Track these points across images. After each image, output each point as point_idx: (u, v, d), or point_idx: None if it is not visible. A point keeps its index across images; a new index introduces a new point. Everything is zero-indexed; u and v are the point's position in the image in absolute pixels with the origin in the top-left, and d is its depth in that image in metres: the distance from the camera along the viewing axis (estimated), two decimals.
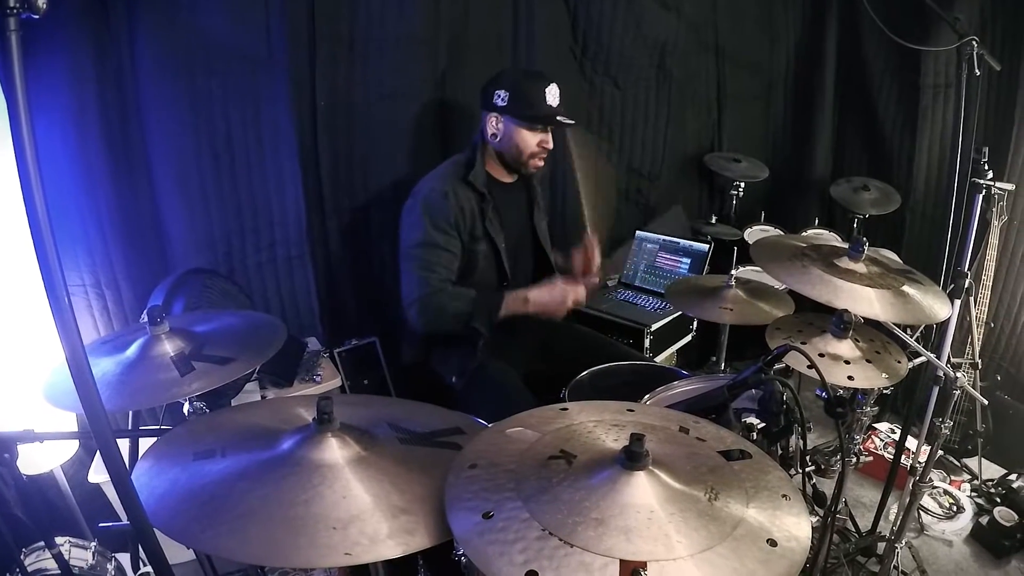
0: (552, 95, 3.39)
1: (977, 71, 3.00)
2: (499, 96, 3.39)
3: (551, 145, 3.49)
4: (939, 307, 2.57)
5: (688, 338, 4.83)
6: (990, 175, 3.33)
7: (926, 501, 4.23)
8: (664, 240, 4.96)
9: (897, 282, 2.57)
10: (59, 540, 2.69)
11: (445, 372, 3.55)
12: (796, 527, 1.56)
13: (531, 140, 3.43)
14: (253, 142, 3.70)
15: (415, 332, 3.51)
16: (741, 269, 4.65)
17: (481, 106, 3.49)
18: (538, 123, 3.41)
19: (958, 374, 2.99)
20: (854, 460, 3.03)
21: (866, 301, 2.44)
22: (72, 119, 3.21)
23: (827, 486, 2.69)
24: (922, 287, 2.64)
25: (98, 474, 3.29)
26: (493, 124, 3.45)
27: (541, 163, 3.53)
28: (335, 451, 1.72)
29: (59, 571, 2.46)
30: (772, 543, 1.49)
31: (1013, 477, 4.20)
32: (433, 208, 3.35)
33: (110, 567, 2.82)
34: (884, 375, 2.53)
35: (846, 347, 2.58)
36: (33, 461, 2.97)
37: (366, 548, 1.50)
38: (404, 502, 1.63)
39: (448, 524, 1.53)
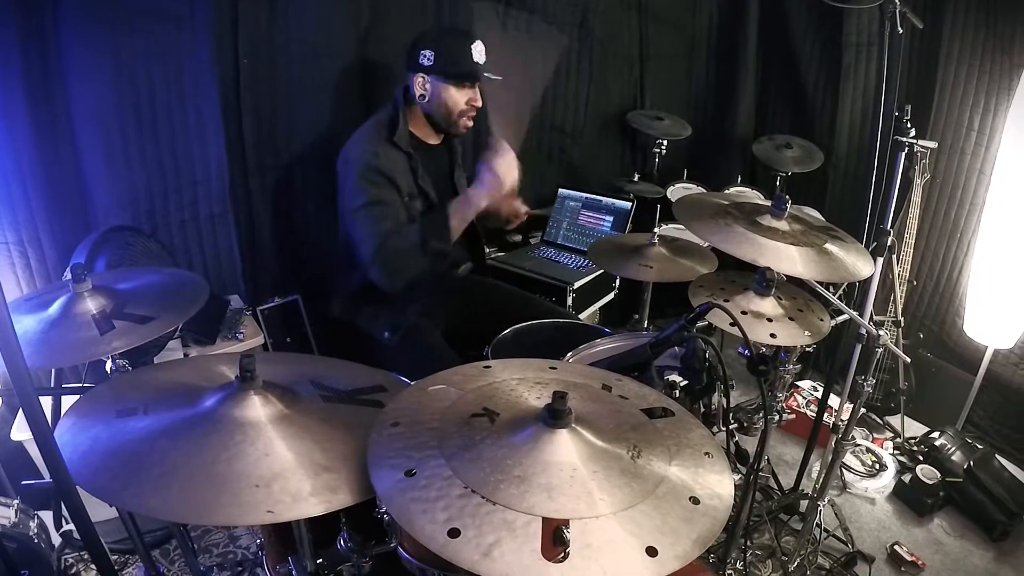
0: (478, 52, 3.33)
1: (899, 29, 3.02)
2: (424, 56, 3.34)
3: (480, 103, 3.44)
4: (862, 264, 2.59)
5: (611, 296, 4.88)
6: (912, 133, 3.35)
7: (849, 459, 4.31)
8: (587, 198, 4.98)
9: (820, 240, 2.58)
10: None
11: (375, 329, 3.49)
12: (719, 485, 1.58)
13: (459, 98, 3.37)
14: (175, 100, 3.65)
15: (335, 288, 3.46)
16: (664, 227, 4.67)
17: (407, 67, 3.43)
18: (464, 80, 3.35)
19: (881, 332, 3.02)
20: (776, 418, 3.05)
21: (789, 259, 2.44)
22: None
23: (750, 444, 2.72)
24: (844, 244, 2.65)
25: (20, 432, 3.26)
26: (420, 85, 3.39)
27: (470, 123, 3.48)
28: (258, 409, 1.71)
29: None
30: (695, 501, 1.50)
31: (935, 435, 4.27)
32: (369, 169, 3.27)
33: (33, 525, 2.80)
34: (807, 333, 2.56)
35: (769, 305, 2.61)
36: None
37: (288, 506, 1.50)
38: (327, 460, 1.63)
39: (371, 482, 1.52)
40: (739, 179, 5.47)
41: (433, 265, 3.29)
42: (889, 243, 3.43)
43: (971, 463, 4.00)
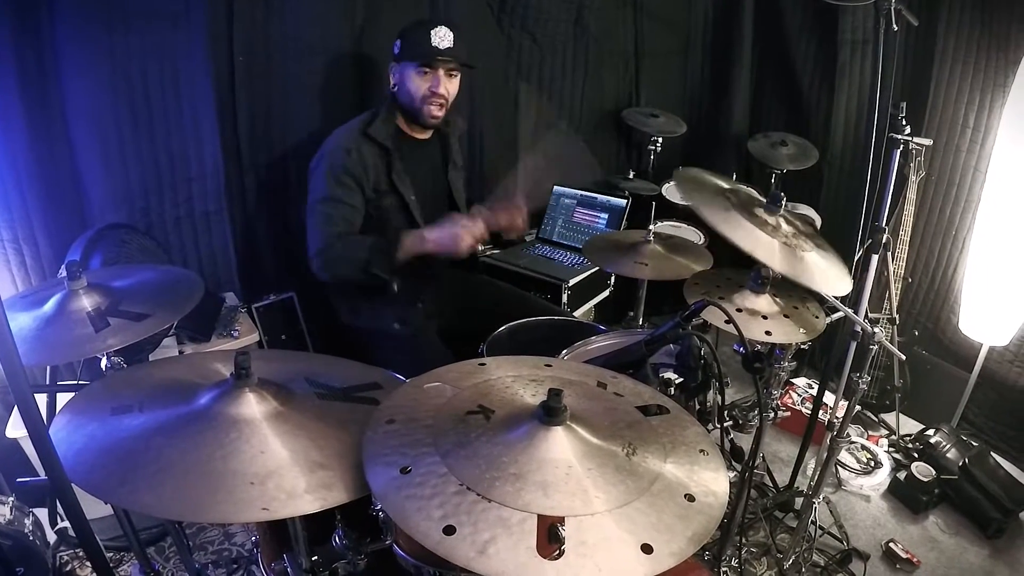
0: (439, 37, 3.35)
1: (895, 26, 3.02)
2: (395, 46, 3.43)
3: (442, 90, 3.43)
4: (835, 281, 2.48)
5: (606, 293, 4.84)
6: (908, 130, 3.36)
7: (844, 456, 4.31)
8: (582, 195, 4.94)
9: (804, 246, 2.51)
10: None
11: (384, 323, 3.51)
12: (714, 482, 1.58)
13: (420, 83, 3.39)
14: (171, 98, 3.66)
15: (330, 285, 3.52)
16: (659, 224, 4.66)
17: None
18: (423, 62, 3.36)
19: (876, 329, 3.01)
20: (772, 415, 3.04)
21: (771, 252, 2.40)
22: None
23: (745, 441, 2.73)
24: (826, 258, 2.55)
25: (16, 429, 3.25)
26: (392, 75, 3.48)
27: (438, 111, 3.47)
28: (253, 406, 1.71)
29: None
30: (690, 498, 1.50)
31: (930, 432, 4.27)
32: (335, 164, 3.35)
33: (28, 522, 2.81)
34: (802, 330, 2.56)
35: (764, 302, 2.61)
36: None
37: (284, 503, 1.50)
38: (322, 457, 1.63)
39: (366, 479, 1.52)
40: (734, 177, 5.42)
41: (370, 282, 3.36)
42: (884, 240, 3.44)
43: (966, 460, 4.01)
